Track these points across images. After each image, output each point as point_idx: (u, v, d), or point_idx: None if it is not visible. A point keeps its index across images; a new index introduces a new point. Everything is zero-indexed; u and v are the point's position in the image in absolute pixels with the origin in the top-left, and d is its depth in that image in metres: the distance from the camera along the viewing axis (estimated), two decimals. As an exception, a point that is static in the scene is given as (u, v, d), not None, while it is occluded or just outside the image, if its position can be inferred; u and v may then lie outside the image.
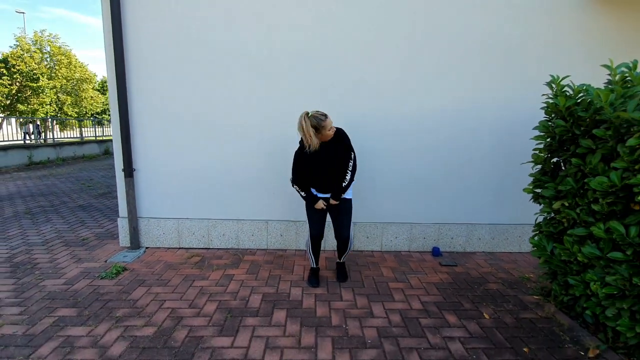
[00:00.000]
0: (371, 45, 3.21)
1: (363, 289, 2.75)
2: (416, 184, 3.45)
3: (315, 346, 2.03)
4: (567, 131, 2.24)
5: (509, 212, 3.51)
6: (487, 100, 3.31)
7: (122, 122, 3.24)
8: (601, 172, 1.98)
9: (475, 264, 3.27)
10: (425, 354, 1.97)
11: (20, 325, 2.20)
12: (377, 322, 2.28)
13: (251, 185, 3.44)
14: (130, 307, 2.41)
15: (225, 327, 2.19)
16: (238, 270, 3.03)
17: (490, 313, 2.42)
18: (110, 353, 1.93)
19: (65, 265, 3.10)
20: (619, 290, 1.90)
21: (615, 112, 1.86)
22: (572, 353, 2.01)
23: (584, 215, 2.12)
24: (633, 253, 1.82)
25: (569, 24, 3.25)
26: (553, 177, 2.45)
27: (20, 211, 4.97)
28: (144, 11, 3.16)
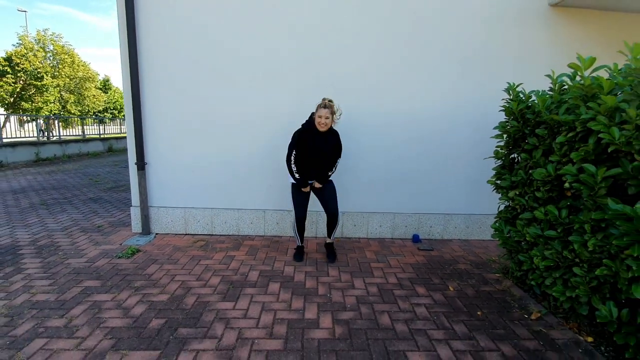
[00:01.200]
0: (367, 56, 3.60)
1: (347, 267, 3.15)
2: (398, 177, 3.85)
3: (303, 309, 2.42)
4: (519, 131, 2.64)
5: (482, 204, 3.90)
6: (461, 103, 3.70)
7: (135, 121, 3.62)
8: (542, 165, 2.38)
9: (450, 249, 3.67)
10: (395, 315, 2.37)
11: (52, 293, 2.58)
12: (357, 293, 2.68)
13: (250, 178, 3.83)
14: (146, 280, 2.80)
15: (228, 295, 2.59)
16: (238, 252, 3.43)
17: (455, 286, 2.82)
18: (133, 312, 2.33)
19: (85, 247, 3.48)
20: (554, 263, 2.30)
21: (550, 114, 2.25)
22: (518, 316, 2.41)
23: (531, 201, 2.52)
24: (562, 230, 2.22)
25: (535, 34, 3.64)
26: (510, 170, 2.85)
27: (35, 202, 5.35)
28: (156, 18, 3.54)
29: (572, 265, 2.18)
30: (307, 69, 3.63)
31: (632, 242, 1.70)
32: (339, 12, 3.54)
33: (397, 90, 3.68)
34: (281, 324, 2.23)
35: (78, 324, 2.20)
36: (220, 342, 2.04)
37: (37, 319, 2.24)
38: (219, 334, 2.11)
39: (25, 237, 3.77)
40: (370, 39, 3.58)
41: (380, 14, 3.55)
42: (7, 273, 2.88)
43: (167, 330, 2.14)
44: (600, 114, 1.90)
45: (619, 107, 1.82)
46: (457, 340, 2.12)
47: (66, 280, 2.77)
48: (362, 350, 2.00)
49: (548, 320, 2.37)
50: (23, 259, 3.17)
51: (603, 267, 1.92)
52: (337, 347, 2.02)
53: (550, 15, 3.65)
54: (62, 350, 1.95)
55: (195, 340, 2.05)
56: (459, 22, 3.59)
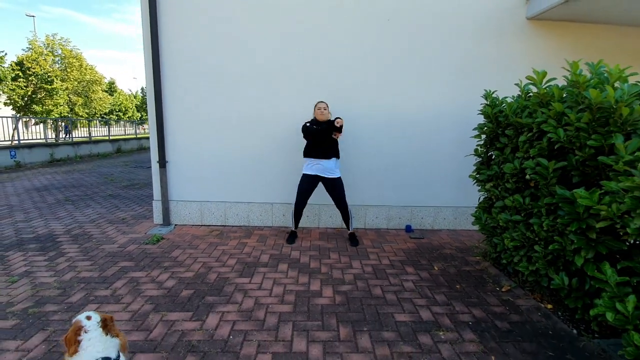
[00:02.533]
0: (364, 61, 4.04)
1: (346, 252, 3.58)
2: (393, 174, 4.28)
3: (308, 283, 2.86)
4: (494, 131, 3.07)
5: (469, 197, 4.30)
6: (450, 107, 4.14)
7: (158, 124, 4.07)
8: (511, 160, 2.81)
9: (439, 238, 4.10)
10: (386, 288, 2.80)
11: (94, 271, 3.03)
12: (354, 271, 3.12)
13: (259, 174, 4.28)
14: (172, 261, 3.24)
15: (244, 273, 3.03)
16: (250, 240, 3.87)
17: (439, 267, 3.25)
18: (165, 285, 2.77)
19: (114, 235, 3.94)
20: (520, 242, 2.73)
21: (515, 118, 2.68)
22: (491, 289, 2.84)
23: (502, 192, 2.95)
24: (526, 215, 2.65)
25: (515, 45, 4.07)
26: (487, 165, 3.27)
27: (60, 199, 5.82)
28: (177, 26, 3.99)
29: (533, 244, 2.61)
30: (310, 79, 4.07)
31: (572, 220, 2.13)
32: (339, 29, 3.98)
33: (394, 95, 4.12)
34: (290, 294, 2.67)
35: (122, 293, 2.64)
36: (241, 306, 2.48)
37: (86, 290, 2.69)
38: (239, 301, 2.55)
39: (59, 227, 4.22)
40: (370, 52, 4.03)
41: (378, 32, 3.99)
42: (52, 256, 3.33)
43: (196, 298, 2.59)
44: (551, 118, 2.33)
45: (564, 112, 2.25)
46: (437, 305, 2.55)
47: (104, 262, 3.21)
48: (358, 313, 2.43)
49: (516, 292, 2.79)
50: (62, 245, 3.63)
51: (555, 243, 2.35)
52: (337, 310, 2.45)
53: (528, 27, 4.08)
54: (112, 312, 2.39)
55: (220, 305, 2.49)
56: (447, 37, 4.02)
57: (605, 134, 2.01)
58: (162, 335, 2.13)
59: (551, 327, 2.32)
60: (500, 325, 2.32)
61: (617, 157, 1.88)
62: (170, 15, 3.95)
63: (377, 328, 2.25)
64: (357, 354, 2.00)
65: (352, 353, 2.00)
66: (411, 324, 2.31)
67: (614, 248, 2.02)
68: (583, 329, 2.32)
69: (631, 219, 1.79)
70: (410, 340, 2.13)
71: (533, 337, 2.20)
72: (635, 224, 1.75)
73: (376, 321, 2.34)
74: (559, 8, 3.71)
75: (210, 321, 2.29)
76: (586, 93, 2.03)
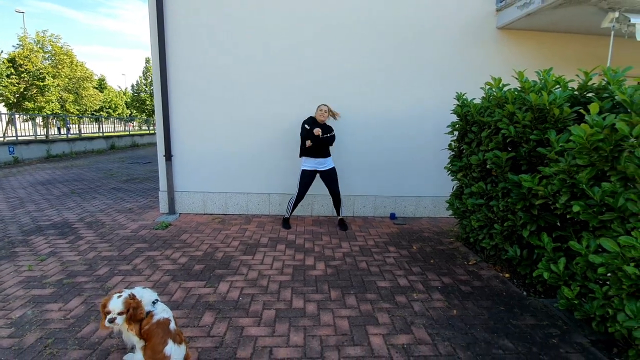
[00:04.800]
0: (354, 68, 4.49)
1: (337, 236, 4.04)
2: (379, 167, 4.75)
3: (303, 260, 3.30)
4: (463, 128, 3.56)
5: (446, 188, 4.80)
6: (430, 107, 4.62)
7: (164, 121, 4.45)
8: (476, 153, 3.29)
9: (419, 224, 4.59)
10: (370, 263, 3.26)
11: (114, 251, 3.41)
12: (344, 250, 3.57)
13: (257, 167, 4.69)
14: (182, 243, 3.64)
15: (247, 251, 3.45)
16: (250, 226, 4.29)
17: (417, 246, 3.73)
18: (179, 261, 3.18)
19: (125, 222, 4.31)
20: (483, 222, 3.22)
21: (478, 116, 3.17)
22: (459, 263, 3.33)
23: (470, 180, 3.43)
24: (487, 199, 3.14)
25: (488, 52, 4.57)
26: (459, 158, 3.76)
27: (66, 191, 6.13)
28: (183, 31, 4.37)
29: (493, 223, 3.10)
30: (306, 84, 4.50)
31: (519, 199, 2.62)
32: (334, 41, 4.42)
33: (381, 98, 4.58)
34: (288, 267, 3.11)
35: (142, 268, 3.04)
36: (247, 277, 2.91)
37: (110, 266, 3.08)
38: (244, 272, 2.98)
39: (72, 216, 4.57)
40: (360, 62, 4.48)
41: (367, 44, 4.45)
42: (71, 239, 3.70)
43: (207, 271, 3.00)
44: (505, 117, 2.82)
45: (514, 112, 2.73)
46: (413, 275, 3.03)
47: (121, 244, 3.60)
48: (346, 281, 2.89)
49: (481, 265, 3.29)
50: (79, 230, 3.99)
51: (509, 220, 2.84)
52: (328, 279, 2.90)
53: (498, 36, 4.58)
54: (136, 281, 2.79)
55: (229, 276, 2.91)
56: (428, 46, 4.49)
57: (543, 129, 2.49)
58: (183, 298, 2.55)
59: (505, 290, 2.82)
60: (464, 289, 2.81)
61: (550, 148, 2.36)
62: (176, 22, 4.33)
63: (362, 291, 2.71)
64: (345, 309, 2.45)
65: (341, 308, 2.45)
66: (390, 289, 2.77)
67: (551, 221, 2.52)
68: (532, 292, 2.81)
69: (560, 196, 2.28)
70: (388, 300, 2.59)
71: (490, 297, 2.69)
72: (562, 200, 2.24)
73: (361, 286, 2.80)
74: (523, 20, 4.21)
75: (222, 287, 2.71)
76: (528, 97, 2.52)
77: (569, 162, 2.19)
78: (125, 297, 1.65)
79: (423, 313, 2.42)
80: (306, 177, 4.14)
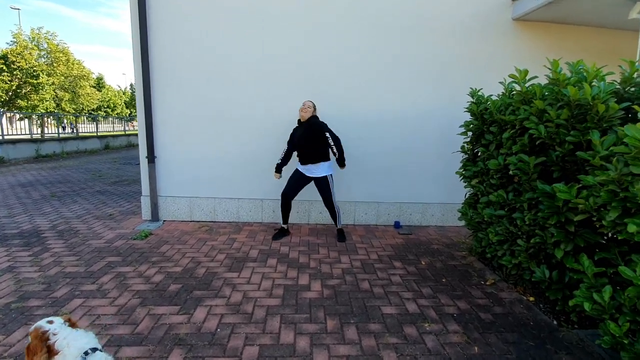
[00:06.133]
0: (354, 65, 4.08)
1: (336, 247, 3.62)
2: (382, 171, 4.33)
3: (297, 278, 2.88)
4: (479, 128, 3.14)
5: (456, 194, 4.37)
6: (437, 105, 4.20)
7: (146, 118, 4.03)
8: (495, 157, 2.87)
9: (427, 233, 4.16)
10: (373, 282, 2.84)
11: (80, 267, 2.99)
12: (343, 266, 3.15)
13: (249, 170, 4.27)
14: (160, 257, 3.23)
15: (233, 267, 3.03)
16: (239, 235, 3.87)
17: (426, 262, 3.30)
18: (153, 280, 2.76)
19: (102, 231, 3.89)
20: (504, 237, 2.80)
21: (499, 115, 2.75)
22: (475, 282, 2.90)
23: (487, 187, 3.01)
24: (509, 210, 2.72)
25: (500, 45, 4.15)
26: (473, 162, 3.34)
27: (46, 195, 5.71)
28: (166, 28, 3.96)
29: (516, 238, 2.68)
30: (301, 82, 4.09)
31: (552, 214, 2.20)
32: (328, 36, 4.01)
33: (383, 95, 4.17)
34: (279, 288, 2.69)
35: (108, 288, 2.62)
36: (229, 300, 2.49)
37: (71, 285, 2.66)
38: (227, 295, 2.56)
39: (44, 223, 4.15)
40: (361, 57, 4.06)
41: (370, 37, 4.03)
42: (36, 251, 3.28)
43: (184, 292, 2.58)
44: (532, 115, 2.40)
45: (545, 109, 2.31)
46: (423, 298, 2.60)
47: (91, 257, 3.18)
48: (345, 305, 2.47)
49: (500, 285, 2.87)
50: (47, 240, 3.57)
51: (536, 236, 2.42)
52: (325, 304, 2.48)
53: (513, 28, 4.16)
54: (98, 306, 2.37)
55: (208, 299, 2.49)
56: (435, 39, 4.08)
57: (583, 130, 2.08)
58: (149, 329, 2.13)
59: (532, 318, 2.39)
60: (484, 316, 2.39)
61: (593, 152, 1.94)
62: (159, 14, 3.92)
63: (364, 320, 2.29)
64: (344, 345, 2.03)
65: (339, 344, 2.03)
66: (397, 316, 2.35)
67: (592, 240, 2.10)
68: (563, 320, 2.39)
69: (607, 212, 1.86)
70: (396, 332, 2.17)
71: (515, 327, 2.27)
72: (611, 216, 1.82)
73: (363, 313, 2.37)
74: (542, 10, 3.80)
75: (198, 315, 2.29)
76: (565, 90, 2.10)
77: (620, 170, 1.77)
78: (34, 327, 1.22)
79: (438, 351, 2.00)
80: (295, 176, 3.74)
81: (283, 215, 3.83)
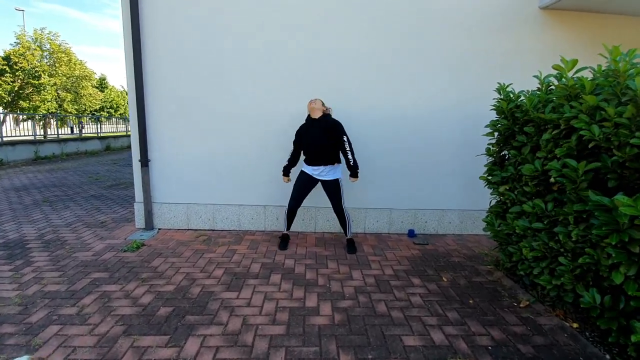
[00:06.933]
0: (365, 59, 3.73)
1: (346, 260, 3.27)
2: (395, 174, 3.97)
3: (303, 298, 2.54)
4: (509, 129, 2.77)
5: (475, 199, 4.03)
6: (456, 103, 3.83)
7: (139, 118, 3.72)
8: (530, 161, 2.51)
9: (444, 243, 3.80)
10: (391, 303, 2.49)
11: (62, 284, 2.68)
12: (355, 283, 2.81)
13: (251, 174, 3.94)
14: (152, 272, 2.91)
15: (232, 286, 2.70)
16: (240, 246, 3.54)
17: (448, 277, 2.95)
18: (141, 301, 2.43)
19: (91, 241, 3.58)
20: (541, 253, 2.44)
21: (537, 113, 2.38)
22: (508, 304, 2.55)
23: (520, 195, 2.65)
24: (549, 222, 2.35)
25: (526, 37, 3.78)
26: (501, 166, 2.98)
27: (38, 199, 5.43)
28: (161, 22, 3.65)
29: (557, 255, 2.31)
30: (307, 78, 3.75)
31: (611, 231, 1.83)
32: (334, 26, 3.66)
33: (395, 93, 3.81)
34: (283, 312, 2.35)
35: (89, 312, 2.30)
36: (226, 327, 2.16)
37: (50, 308, 2.34)
38: (224, 321, 2.23)
39: (31, 232, 3.86)
40: (371, 50, 3.71)
41: (382, 29, 3.68)
42: (18, 265, 2.98)
43: (175, 317, 2.26)
44: (582, 112, 2.03)
45: (599, 105, 1.95)
46: (450, 325, 2.25)
47: (75, 272, 2.87)
48: (360, 335, 2.12)
49: (536, 307, 2.50)
50: (31, 252, 3.27)
51: (585, 255, 2.06)
52: (336, 332, 2.14)
53: (541, 18, 3.78)
54: (76, 335, 2.05)
55: (202, 326, 2.16)
56: (453, 30, 3.72)
57: (652, 131, 1.71)
58: (131, 367, 1.80)
59: (581, 351, 2.04)
60: (524, 349, 2.03)
61: (669, 158, 1.58)
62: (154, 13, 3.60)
63: (384, 355, 1.95)
64: (362, 389, 1.69)
65: (355, 388, 1.69)
66: (422, 349, 2.00)
67: (661, 264, 1.73)
68: (616, 353, 2.03)
69: (689, 232, 1.50)
70: (422, 371, 1.83)
71: (562, 364, 1.91)
72: (696, 238, 1.46)
73: (381, 345, 2.03)
74: (576, -5, 3.42)
75: (189, 347, 1.96)
76: (630, 83, 1.74)
77: None
78: None
79: (477, 399, 1.65)
80: (301, 180, 3.41)
81: (287, 223, 3.52)
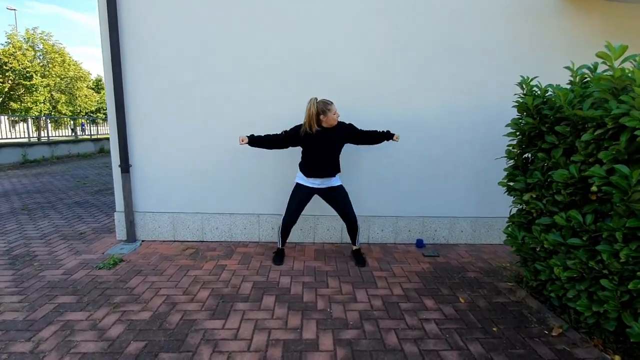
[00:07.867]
0: (365, 55, 3.37)
1: (348, 277, 2.91)
2: (401, 179, 3.62)
3: (300, 327, 2.18)
4: (535, 128, 2.42)
5: (489, 206, 3.68)
6: (464, 98, 3.48)
7: (118, 120, 3.36)
8: (563, 165, 2.16)
9: (457, 255, 3.45)
10: (402, 334, 2.14)
11: (21, 311, 2.32)
12: (360, 306, 2.45)
13: (243, 181, 3.58)
14: (127, 294, 2.54)
15: (217, 311, 2.34)
16: (230, 261, 3.18)
17: (466, 298, 2.59)
18: (109, 335, 2.07)
19: (64, 257, 3.22)
20: (578, 274, 2.08)
21: (573, 110, 2.03)
22: (537, 332, 2.19)
23: (549, 205, 2.29)
24: (588, 239, 2.00)
25: (547, 26, 3.43)
26: (524, 171, 2.63)
27: (16, 207, 5.06)
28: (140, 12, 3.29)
29: (599, 277, 1.96)
30: (308, 76, 3.39)
31: (678, 255, 1.48)
32: (338, 20, 3.31)
33: (401, 91, 3.46)
34: (276, 346, 1.99)
35: (45, 349, 1.94)
36: (207, 369, 1.80)
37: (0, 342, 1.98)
38: (205, 359, 1.87)
39: (0, 245, 3.49)
40: (373, 46, 3.35)
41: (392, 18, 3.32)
42: (-26, 288, 2.62)
43: (147, 356, 1.89)
44: (635, 109, 1.68)
45: (658, 100, 1.60)
46: (473, 362, 1.90)
47: (38, 296, 2.50)
48: (368, 377, 1.77)
49: (570, 336, 2.15)
50: (-6, 271, 2.91)
51: (637, 280, 1.71)
52: (339, 374, 1.78)
53: (563, 5, 3.43)
54: (24, 382, 1.69)
55: (178, 368, 1.80)
56: (466, 21, 3.36)
57: None
58: None
59: (634, 396, 1.68)
60: (566, 395, 1.67)
61: None
62: None
63: (397, 406, 1.59)
64: None
65: None
66: (444, 397, 1.65)
67: None
68: (675, 398, 1.68)
69: None
70: None
71: (616, 416, 1.56)
72: None
73: (394, 392, 1.67)
74: (603, -21, 3.07)
75: (160, 399, 1.60)
76: None
77: None
78: None
79: None
80: (301, 195, 3.03)
81: (282, 239, 3.16)
